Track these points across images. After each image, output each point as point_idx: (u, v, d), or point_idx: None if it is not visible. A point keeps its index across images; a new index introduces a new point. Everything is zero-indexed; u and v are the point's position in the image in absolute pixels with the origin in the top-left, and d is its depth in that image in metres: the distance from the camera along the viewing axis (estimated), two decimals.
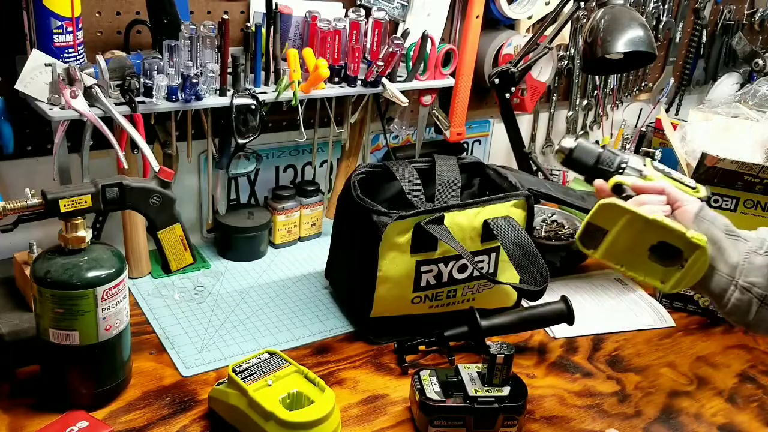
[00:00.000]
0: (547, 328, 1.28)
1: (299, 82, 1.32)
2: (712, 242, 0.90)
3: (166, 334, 1.19)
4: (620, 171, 1.03)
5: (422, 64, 1.48)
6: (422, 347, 1.18)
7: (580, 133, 1.98)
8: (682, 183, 1.01)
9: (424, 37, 1.44)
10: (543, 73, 1.70)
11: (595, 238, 0.92)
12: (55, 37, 1.11)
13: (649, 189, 0.96)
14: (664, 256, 0.89)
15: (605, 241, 0.91)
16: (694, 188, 1.00)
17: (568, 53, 1.85)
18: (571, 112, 1.95)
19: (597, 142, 1.94)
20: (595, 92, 1.95)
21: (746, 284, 0.89)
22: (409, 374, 1.14)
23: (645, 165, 1.02)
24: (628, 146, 1.82)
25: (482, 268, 1.23)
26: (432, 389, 1.00)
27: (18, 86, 1.12)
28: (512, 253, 1.17)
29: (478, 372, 1.03)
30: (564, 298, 1.23)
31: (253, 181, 1.53)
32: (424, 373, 1.03)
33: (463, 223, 1.19)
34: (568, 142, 1.06)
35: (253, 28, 1.27)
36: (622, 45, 1.35)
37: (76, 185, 1.02)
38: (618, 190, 0.99)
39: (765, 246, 0.91)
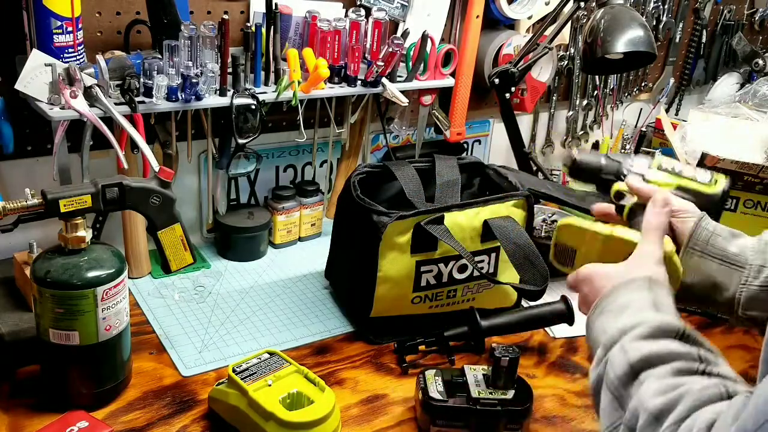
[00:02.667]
0: (547, 328, 1.28)
1: (299, 82, 1.32)
2: (704, 276, 0.87)
3: (166, 334, 1.19)
4: (623, 178, 0.97)
5: (422, 64, 1.48)
6: (422, 347, 1.18)
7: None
8: (694, 180, 0.93)
9: (424, 37, 1.44)
10: (543, 73, 1.70)
11: (567, 256, 0.92)
12: (55, 37, 1.11)
13: (649, 195, 0.91)
14: None
15: (577, 259, 0.91)
16: (709, 182, 0.93)
17: (568, 53, 1.85)
18: (571, 112, 1.95)
19: (597, 142, 1.95)
20: (595, 92, 1.95)
21: (746, 316, 0.87)
22: (409, 374, 1.14)
23: (650, 167, 0.95)
24: (628, 146, 1.82)
25: (482, 268, 1.23)
26: (435, 388, 1.00)
27: (18, 86, 1.12)
28: (512, 253, 1.17)
29: (483, 374, 1.03)
30: (564, 298, 1.23)
31: (253, 181, 1.53)
32: (430, 373, 1.04)
33: (463, 223, 1.19)
34: (572, 153, 1.02)
35: (253, 28, 1.27)
36: (622, 45, 1.35)
37: (76, 185, 1.02)
38: (618, 197, 0.96)
39: (763, 274, 0.85)
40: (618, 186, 0.96)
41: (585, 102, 1.96)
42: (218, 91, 1.26)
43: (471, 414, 0.99)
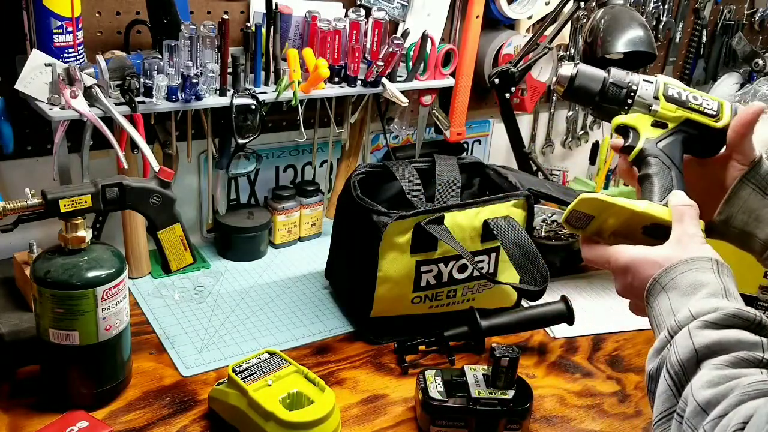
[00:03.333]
0: (547, 328, 1.28)
1: (299, 82, 1.32)
2: (749, 209, 0.84)
3: (166, 334, 1.19)
4: (627, 106, 0.89)
5: (422, 64, 1.48)
6: (422, 347, 1.18)
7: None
8: (702, 111, 0.88)
9: (424, 37, 1.44)
10: (543, 73, 1.70)
11: (580, 220, 0.86)
12: (55, 37, 1.11)
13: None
14: (659, 234, 0.82)
15: (592, 224, 0.85)
16: (716, 115, 0.87)
17: (568, 53, 1.85)
18: (571, 112, 1.95)
19: (597, 142, 1.95)
20: None
21: None
22: (409, 374, 1.14)
23: (656, 96, 0.88)
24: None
25: (482, 268, 1.23)
26: (435, 389, 1.01)
27: (18, 86, 1.12)
28: (512, 253, 1.17)
29: (483, 374, 1.03)
30: (564, 298, 1.23)
31: (253, 181, 1.53)
32: (429, 373, 1.04)
33: (463, 223, 1.19)
34: (567, 70, 0.91)
35: (253, 28, 1.27)
36: (622, 45, 1.36)
37: (76, 185, 1.02)
38: (621, 131, 0.89)
39: None
40: (620, 120, 0.90)
41: None
42: (218, 91, 1.26)
43: (471, 414, 0.99)
